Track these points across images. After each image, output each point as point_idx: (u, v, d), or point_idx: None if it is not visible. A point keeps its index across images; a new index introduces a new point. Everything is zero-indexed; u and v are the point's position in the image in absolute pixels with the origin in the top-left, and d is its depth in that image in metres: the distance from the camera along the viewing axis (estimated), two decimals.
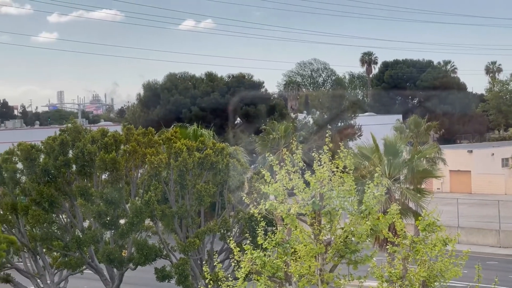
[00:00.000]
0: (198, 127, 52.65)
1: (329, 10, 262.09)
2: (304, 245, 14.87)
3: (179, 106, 77.23)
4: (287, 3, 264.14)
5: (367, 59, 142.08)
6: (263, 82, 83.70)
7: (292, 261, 15.16)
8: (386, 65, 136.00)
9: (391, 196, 30.66)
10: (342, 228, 15.10)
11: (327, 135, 16.12)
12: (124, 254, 28.66)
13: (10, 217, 29.60)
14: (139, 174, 29.85)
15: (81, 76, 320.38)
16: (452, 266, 15.15)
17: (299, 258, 15.01)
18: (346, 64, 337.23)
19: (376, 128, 63.04)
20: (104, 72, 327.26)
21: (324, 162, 15.15)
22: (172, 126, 49.04)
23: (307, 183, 15.07)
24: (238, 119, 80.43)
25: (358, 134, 77.04)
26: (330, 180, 15.07)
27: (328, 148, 15.44)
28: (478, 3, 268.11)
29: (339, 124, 78.25)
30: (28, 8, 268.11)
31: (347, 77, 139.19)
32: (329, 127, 19.16)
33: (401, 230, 15.55)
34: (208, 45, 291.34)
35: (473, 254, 18.36)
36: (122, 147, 29.24)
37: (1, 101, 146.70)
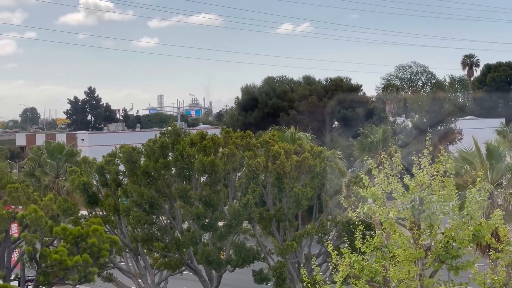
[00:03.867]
0: (295, 130, 52.83)
1: (428, 12, 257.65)
2: (403, 250, 14.66)
3: (277, 110, 77.51)
4: (384, 5, 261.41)
5: (469, 62, 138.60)
6: (361, 86, 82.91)
7: (391, 265, 14.97)
8: (488, 68, 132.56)
9: (494, 201, 29.89)
10: (443, 233, 14.81)
11: (427, 138, 15.85)
12: (222, 256, 28.98)
13: (112, 217, 30.42)
14: (237, 177, 30.13)
15: (180, 79, 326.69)
16: None
17: (398, 262, 14.81)
18: (446, 67, 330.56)
19: (478, 132, 61.34)
20: (203, 76, 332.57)
21: (424, 166, 14.89)
22: (270, 129, 49.26)
23: (406, 187, 14.85)
24: (336, 122, 79.95)
25: (459, 137, 75.27)
26: (430, 184, 14.80)
27: (428, 151, 15.17)
28: None
29: (439, 127, 76.62)
30: (130, 14, 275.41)
31: (448, 80, 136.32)
32: (429, 130, 18.89)
33: (505, 236, 15.14)
34: (305, 49, 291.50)
35: None
36: (220, 150, 29.59)
37: (104, 105, 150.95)
